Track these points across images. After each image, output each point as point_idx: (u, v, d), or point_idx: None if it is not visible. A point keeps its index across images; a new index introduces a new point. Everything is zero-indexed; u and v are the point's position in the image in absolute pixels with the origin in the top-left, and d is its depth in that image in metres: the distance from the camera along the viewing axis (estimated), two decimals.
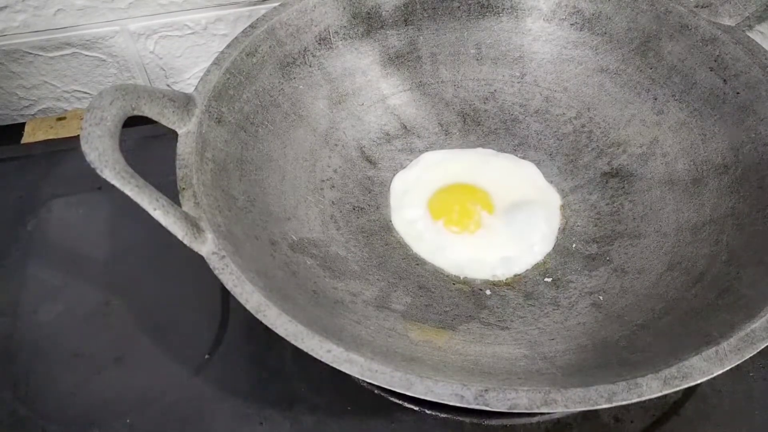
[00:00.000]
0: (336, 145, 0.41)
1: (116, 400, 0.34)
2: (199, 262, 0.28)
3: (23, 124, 0.52)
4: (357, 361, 0.24)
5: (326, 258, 0.35)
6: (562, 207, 0.40)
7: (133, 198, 0.26)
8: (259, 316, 0.26)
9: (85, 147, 0.25)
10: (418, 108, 0.44)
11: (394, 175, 0.42)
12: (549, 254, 0.38)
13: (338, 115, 0.42)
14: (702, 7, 0.39)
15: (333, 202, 0.39)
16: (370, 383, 0.34)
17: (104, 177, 0.25)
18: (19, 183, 0.46)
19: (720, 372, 0.24)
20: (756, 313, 0.26)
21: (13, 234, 0.42)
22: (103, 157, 0.25)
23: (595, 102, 0.42)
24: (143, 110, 0.30)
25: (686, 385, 0.24)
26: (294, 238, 0.35)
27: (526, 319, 0.34)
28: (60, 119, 0.52)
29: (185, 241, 0.27)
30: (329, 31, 0.41)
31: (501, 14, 0.44)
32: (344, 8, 0.41)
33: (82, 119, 0.28)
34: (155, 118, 0.31)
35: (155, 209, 0.26)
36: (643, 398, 0.24)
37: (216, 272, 0.27)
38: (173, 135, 0.32)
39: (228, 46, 0.36)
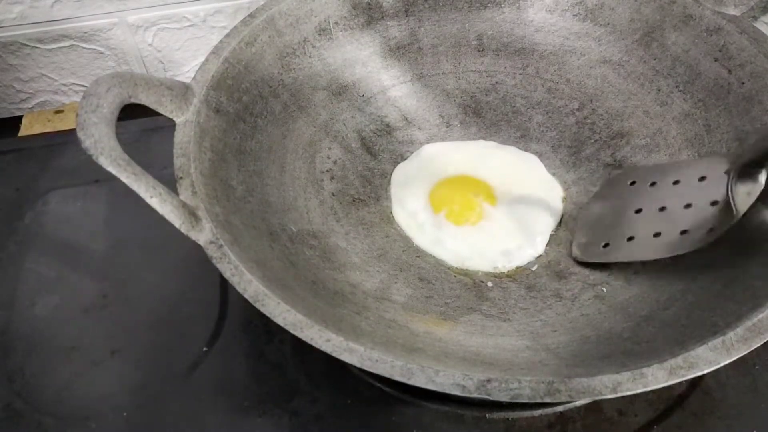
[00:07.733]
0: (336, 136, 0.41)
1: (113, 394, 0.34)
2: (197, 255, 0.27)
3: (20, 117, 0.52)
4: (357, 350, 0.24)
5: (326, 249, 0.35)
6: (565, 199, 0.40)
7: (130, 185, 0.25)
8: (258, 305, 0.25)
9: (80, 134, 0.25)
10: (419, 99, 0.44)
11: (395, 166, 0.41)
12: (551, 246, 0.38)
13: (338, 106, 0.41)
14: None
15: (333, 193, 0.38)
16: (370, 375, 0.33)
17: (100, 164, 0.25)
18: (16, 176, 0.45)
19: (727, 362, 0.24)
20: (763, 303, 0.26)
21: (11, 227, 0.42)
22: (99, 144, 0.25)
23: (598, 93, 0.42)
24: (140, 98, 0.29)
25: (692, 375, 0.24)
26: (293, 229, 0.34)
27: (529, 311, 0.33)
28: (57, 112, 0.52)
29: (182, 230, 0.27)
30: (329, 22, 0.41)
31: (503, 5, 0.43)
32: None
33: None
34: (152, 106, 0.30)
35: (152, 197, 0.26)
36: (649, 388, 0.23)
37: (214, 261, 0.27)
38: (172, 128, 0.32)
39: (227, 35, 0.36)
